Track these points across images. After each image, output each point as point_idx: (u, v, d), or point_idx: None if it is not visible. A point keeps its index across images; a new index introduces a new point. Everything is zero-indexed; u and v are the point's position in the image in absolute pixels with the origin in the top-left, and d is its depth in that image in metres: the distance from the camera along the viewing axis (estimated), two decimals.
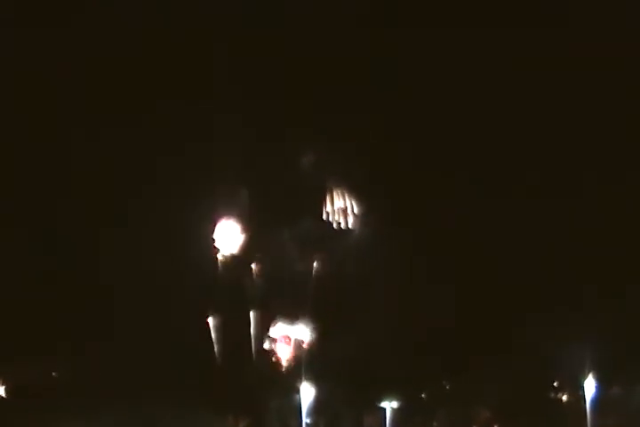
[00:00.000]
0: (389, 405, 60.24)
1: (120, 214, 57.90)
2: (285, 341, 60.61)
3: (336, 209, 62.71)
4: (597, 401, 59.51)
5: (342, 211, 62.81)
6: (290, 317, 60.06)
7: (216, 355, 59.29)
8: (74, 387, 57.52)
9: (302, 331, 60.26)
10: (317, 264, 60.91)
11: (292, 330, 60.28)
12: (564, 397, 61.84)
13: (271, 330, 60.27)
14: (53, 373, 59.02)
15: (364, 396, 59.77)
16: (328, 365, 58.64)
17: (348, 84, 59.66)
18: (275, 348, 60.54)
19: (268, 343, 60.43)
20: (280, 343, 60.57)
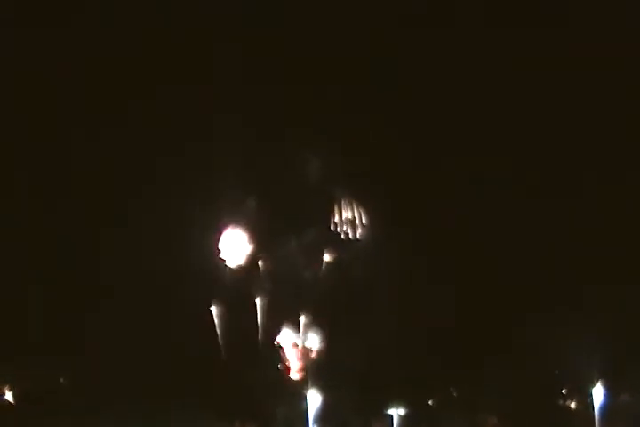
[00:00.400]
0: (396, 411, 60.17)
1: (120, 214, 57.87)
2: (292, 347, 60.45)
3: (338, 213, 62.61)
4: (605, 408, 59.44)
5: (344, 214, 62.71)
6: (297, 323, 59.94)
7: (221, 359, 59.10)
8: (75, 389, 57.48)
9: (309, 337, 60.11)
10: (322, 269, 60.79)
11: (299, 336, 60.12)
12: (572, 404, 61.74)
13: (278, 336, 60.11)
14: (54, 374, 58.91)
15: (372, 402, 59.62)
16: (335, 371, 58.60)
17: (348, 84, 59.67)
18: (281, 354, 60.36)
19: (275, 350, 60.25)
20: (287, 350, 60.40)
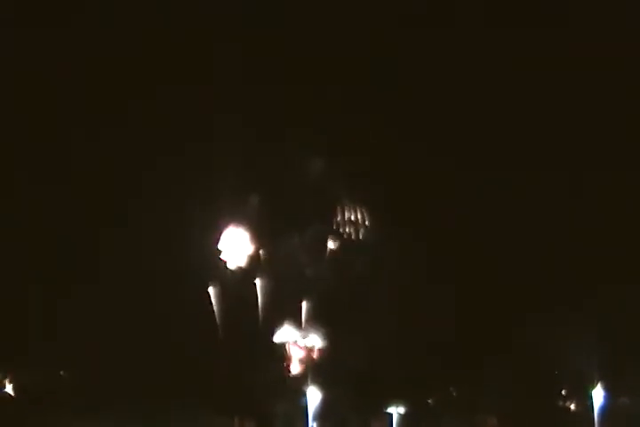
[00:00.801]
0: (396, 410, 60.23)
1: (120, 214, 57.86)
2: (293, 345, 60.45)
3: (338, 213, 62.61)
4: (605, 409, 59.50)
5: (344, 214, 62.70)
6: (297, 322, 59.95)
7: (221, 358, 59.11)
8: (75, 388, 57.49)
9: (310, 336, 60.10)
10: (323, 269, 60.81)
11: (300, 335, 60.11)
12: (572, 405, 61.74)
13: (279, 335, 60.13)
14: (55, 374, 58.93)
15: (371, 401, 59.67)
16: (335, 369, 58.57)
17: (348, 84, 59.69)
18: (283, 352, 60.35)
19: (276, 348, 60.24)
20: (288, 348, 60.39)
